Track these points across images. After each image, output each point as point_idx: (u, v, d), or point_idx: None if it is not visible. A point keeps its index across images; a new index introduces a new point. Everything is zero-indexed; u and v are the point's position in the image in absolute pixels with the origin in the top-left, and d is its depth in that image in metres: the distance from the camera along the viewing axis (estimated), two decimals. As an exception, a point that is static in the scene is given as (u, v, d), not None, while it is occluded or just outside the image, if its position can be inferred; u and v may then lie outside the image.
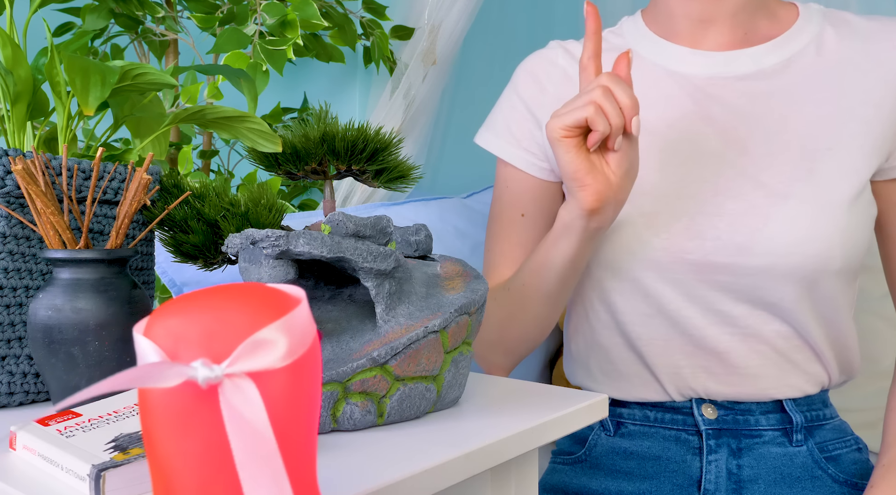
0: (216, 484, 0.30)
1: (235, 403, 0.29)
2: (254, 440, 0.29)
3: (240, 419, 0.29)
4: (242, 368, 0.29)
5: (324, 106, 0.72)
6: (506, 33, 1.86)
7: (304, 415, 0.31)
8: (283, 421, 0.30)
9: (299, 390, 0.31)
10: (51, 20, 1.17)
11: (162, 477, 0.30)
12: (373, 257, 0.54)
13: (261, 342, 0.30)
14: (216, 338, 0.30)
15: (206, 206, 0.65)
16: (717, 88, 0.88)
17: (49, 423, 0.49)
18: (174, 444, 0.30)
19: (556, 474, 1.00)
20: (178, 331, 0.30)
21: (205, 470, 0.30)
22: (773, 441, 0.87)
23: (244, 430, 0.29)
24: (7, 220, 0.60)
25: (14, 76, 0.63)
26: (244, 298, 0.31)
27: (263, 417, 0.29)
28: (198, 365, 0.29)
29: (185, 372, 0.29)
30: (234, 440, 0.29)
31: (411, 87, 1.37)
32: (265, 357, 0.30)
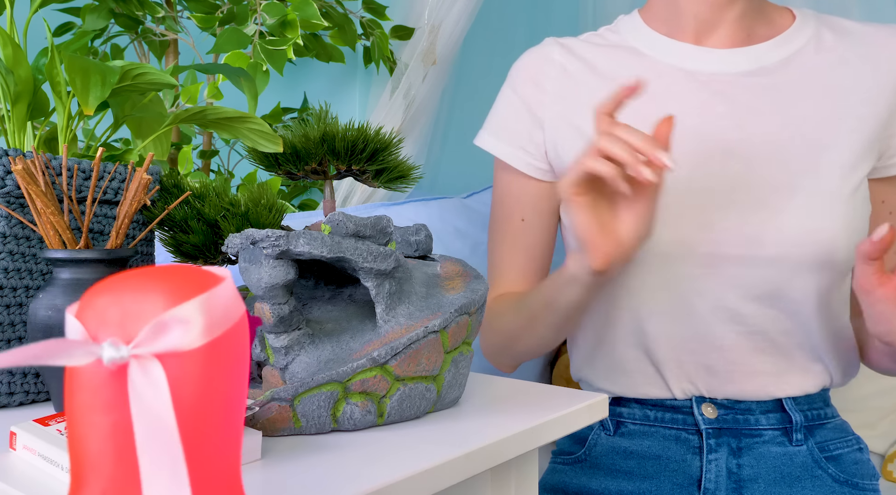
0: (123, 465, 0.29)
1: (140, 385, 0.28)
2: (155, 424, 0.28)
3: (143, 401, 0.28)
4: (150, 350, 0.29)
5: (324, 106, 0.72)
6: (505, 33, 1.86)
7: (222, 397, 0.30)
8: (195, 404, 0.29)
9: (217, 370, 0.30)
10: (51, 20, 1.17)
11: (75, 455, 0.30)
12: (373, 257, 0.54)
13: (171, 321, 0.29)
14: (132, 318, 0.29)
15: (207, 206, 0.65)
16: (720, 84, 0.89)
17: (49, 423, 0.49)
18: (86, 422, 0.30)
19: (556, 474, 1.00)
20: (100, 311, 0.30)
21: (113, 451, 0.29)
22: (773, 440, 0.87)
23: (147, 413, 0.28)
24: (7, 220, 0.60)
25: (14, 76, 0.63)
26: (165, 278, 0.30)
27: (166, 401, 0.28)
28: (105, 345, 0.28)
29: (94, 351, 0.28)
30: (136, 422, 0.28)
31: (411, 86, 1.37)
32: (176, 337, 0.29)
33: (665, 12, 0.94)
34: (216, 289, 0.30)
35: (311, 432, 0.53)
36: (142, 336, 0.29)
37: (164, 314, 0.29)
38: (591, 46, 0.98)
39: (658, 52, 0.94)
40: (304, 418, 0.52)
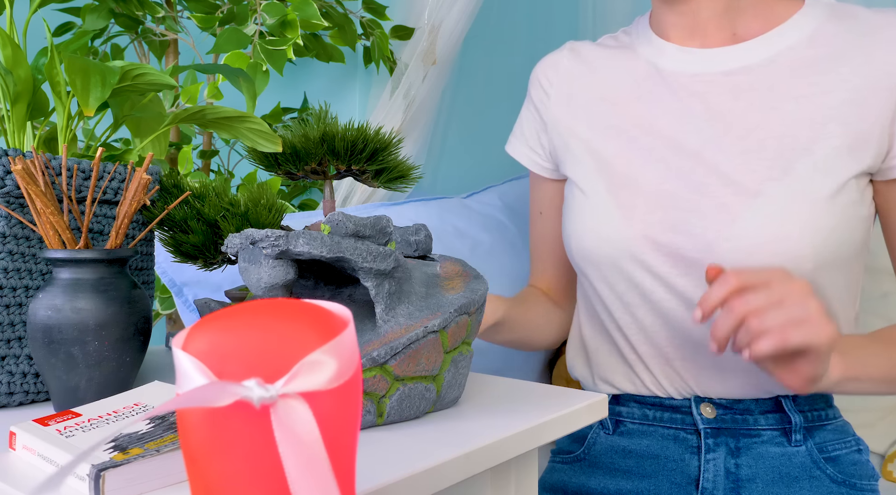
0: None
1: (289, 423, 0.29)
2: (307, 459, 0.29)
3: (293, 439, 0.29)
4: (296, 388, 0.29)
5: (324, 106, 0.72)
6: (506, 33, 1.85)
7: (348, 436, 0.32)
8: (330, 440, 0.30)
9: (345, 411, 0.31)
10: (51, 20, 1.17)
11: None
12: (372, 257, 0.54)
13: (313, 363, 0.30)
14: (266, 358, 0.30)
15: (206, 206, 0.65)
16: (700, 85, 0.89)
17: (49, 423, 0.49)
18: (221, 464, 0.30)
19: (556, 473, 1.00)
20: (224, 349, 0.30)
21: (251, 490, 0.30)
22: (772, 440, 0.87)
23: (298, 450, 0.29)
24: (7, 220, 0.60)
25: (14, 76, 0.63)
26: (292, 317, 0.31)
27: (317, 437, 0.29)
28: (252, 384, 0.29)
29: (239, 392, 0.29)
30: (287, 459, 0.29)
31: (411, 87, 1.37)
32: (317, 378, 0.30)
33: (655, 15, 0.97)
34: (346, 333, 0.31)
35: (311, 432, 0.53)
36: (289, 376, 0.29)
37: (310, 356, 0.30)
38: (600, 48, 1.01)
39: (650, 53, 0.95)
40: (304, 418, 0.52)
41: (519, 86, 1.92)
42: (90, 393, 0.56)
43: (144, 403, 0.51)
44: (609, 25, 1.80)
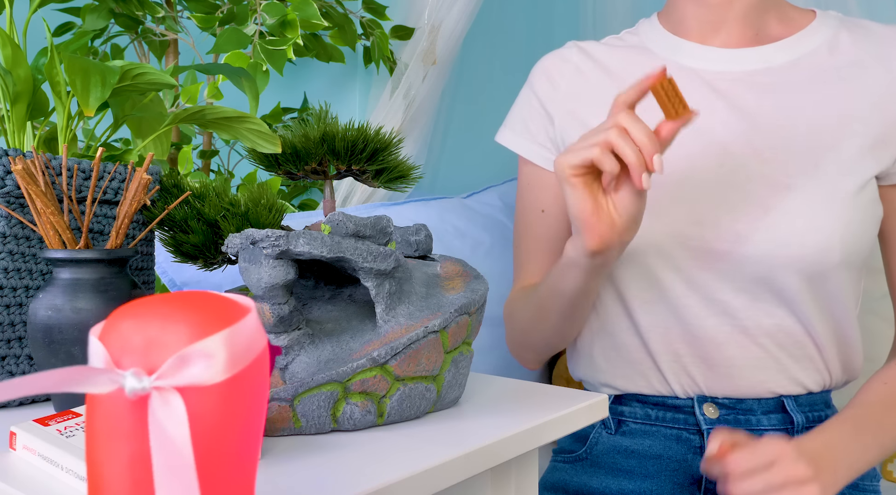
0: (140, 493, 0.29)
1: (160, 417, 0.28)
2: (173, 456, 0.28)
3: (163, 433, 0.28)
4: (172, 382, 0.28)
5: (324, 106, 0.72)
6: (506, 34, 1.85)
7: (240, 430, 0.30)
8: (214, 436, 0.29)
9: (237, 405, 0.30)
10: (50, 20, 1.17)
11: (93, 482, 0.30)
12: (373, 257, 0.54)
13: (195, 354, 0.29)
14: (156, 348, 0.29)
15: (206, 206, 0.65)
16: (724, 83, 0.90)
17: (49, 423, 0.49)
18: (105, 450, 0.29)
19: (557, 472, 1.00)
20: (124, 337, 0.29)
21: (130, 481, 0.29)
22: None
23: (165, 445, 0.28)
24: (7, 220, 0.60)
25: (14, 76, 0.63)
26: (190, 307, 0.30)
27: (185, 434, 0.28)
28: (128, 374, 0.28)
29: (116, 380, 0.28)
30: (155, 454, 0.28)
31: (411, 87, 1.37)
32: (198, 371, 0.29)
33: (674, 13, 0.96)
34: (241, 323, 0.30)
35: (311, 432, 0.53)
36: (164, 368, 0.29)
37: (188, 348, 0.29)
38: (608, 48, 1.01)
39: (667, 50, 0.95)
40: (304, 418, 0.52)
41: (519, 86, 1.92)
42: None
43: (145, 403, 0.51)
44: (609, 25, 1.80)
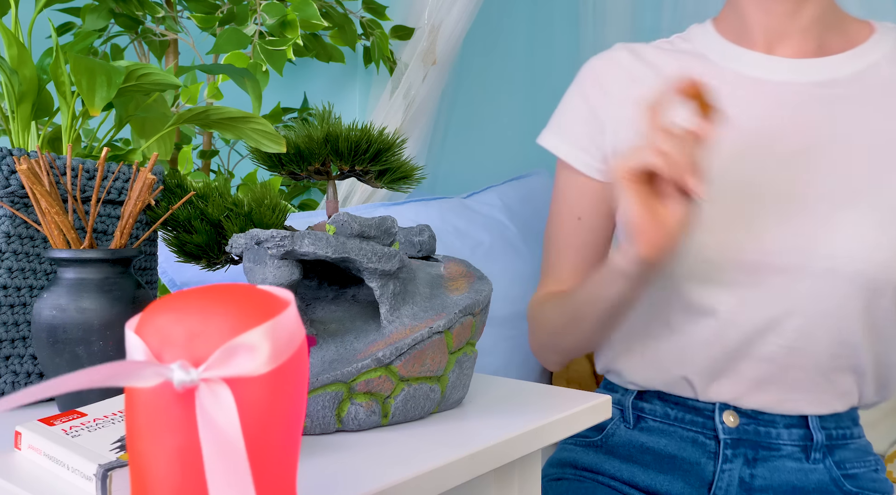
0: (189, 486, 0.29)
1: (209, 408, 0.29)
2: (224, 446, 0.29)
3: (212, 424, 0.29)
4: (219, 374, 0.29)
5: (327, 106, 0.72)
6: (506, 34, 1.86)
7: (284, 421, 0.31)
8: (260, 426, 0.30)
9: (280, 396, 0.30)
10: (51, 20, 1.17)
11: (139, 475, 0.30)
12: (377, 258, 0.54)
13: (240, 347, 0.29)
14: (199, 340, 0.29)
15: (210, 206, 0.65)
16: (789, 94, 0.88)
17: (54, 423, 0.49)
18: (151, 443, 0.30)
19: (566, 452, 0.99)
20: (164, 331, 0.30)
21: (179, 472, 0.29)
22: (791, 455, 0.87)
23: (216, 436, 0.29)
24: (11, 220, 0.60)
25: (19, 76, 0.63)
26: (230, 300, 0.31)
27: (236, 424, 0.29)
28: (175, 367, 0.28)
29: (163, 373, 0.28)
30: (205, 445, 0.29)
31: (411, 87, 1.37)
32: (244, 363, 0.29)
33: (735, 21, 0.94)
34: (282, 315, 0.30)
35: (316, 432, 0.53)
36: (212, 360, 0.29)
37: (234, 340, 0.29)
38: (660, 52, 0.97)
39: (727, 59, 0.92)
40: (309, 418, 0.52)
41: (519, 86, 1.92)
42: (95, 393, 0.56)
43: (150, 403, 0.51)
44: (609, 25, 1.81)
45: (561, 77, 1.94)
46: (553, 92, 1.95)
